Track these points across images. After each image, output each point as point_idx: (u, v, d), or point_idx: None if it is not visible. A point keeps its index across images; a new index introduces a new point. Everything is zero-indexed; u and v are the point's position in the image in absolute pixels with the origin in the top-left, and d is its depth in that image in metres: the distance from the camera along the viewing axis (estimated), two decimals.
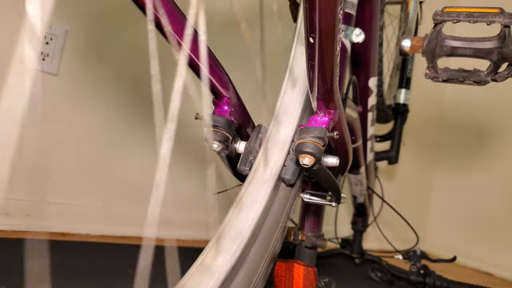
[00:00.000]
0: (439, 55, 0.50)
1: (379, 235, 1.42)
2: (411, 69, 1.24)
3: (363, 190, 1.08)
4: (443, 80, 0.52)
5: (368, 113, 0.93)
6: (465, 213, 1.65)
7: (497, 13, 0.46)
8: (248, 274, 0.41)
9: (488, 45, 0.47)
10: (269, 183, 0.45)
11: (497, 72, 0.49)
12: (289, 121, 0.51)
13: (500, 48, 0.47)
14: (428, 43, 0.50)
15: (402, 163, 1.48)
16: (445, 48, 0.49)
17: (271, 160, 0.48)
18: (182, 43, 0.44)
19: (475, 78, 0.50)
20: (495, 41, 0.47)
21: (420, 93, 1.63)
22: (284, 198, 0.49)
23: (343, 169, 0.64)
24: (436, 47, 0.49)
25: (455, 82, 0.52)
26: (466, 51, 0.48)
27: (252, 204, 0.44)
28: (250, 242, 0.41)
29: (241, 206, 0.43)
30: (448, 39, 0.49)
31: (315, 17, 0.34)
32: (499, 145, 1.58)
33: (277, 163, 0.47)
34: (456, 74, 0.51)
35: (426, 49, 0.50)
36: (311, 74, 0.40)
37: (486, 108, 1.65)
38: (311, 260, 0.72)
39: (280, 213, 0.48)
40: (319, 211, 0.74)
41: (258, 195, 0.44)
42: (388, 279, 1.06)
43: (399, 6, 1.27)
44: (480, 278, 1.37)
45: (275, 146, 0.49)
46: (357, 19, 0.66)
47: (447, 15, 0.49)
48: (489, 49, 0.47)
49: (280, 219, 0.48)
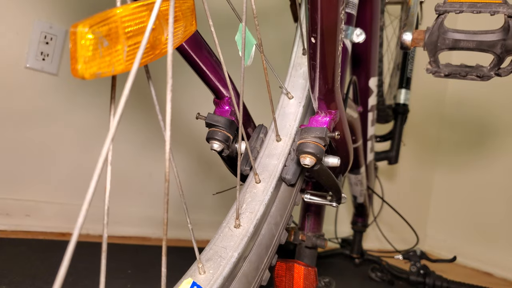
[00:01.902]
0: (441, 48, 0.48)
1: (379, 235, 1.42)
2: (411, 69, 1.24)
3: (363, 190, 1.08)
4: (445, 75, 0.50)
5: (369, 113, 0.93)
6: (465, 213, 1.65)
7: (501, 4, 0.45)
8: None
9: (491, 37, 0.46)
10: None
11: (500, 67, 0.47)
12: (299, 93, 0.51)
13: (504, 40, 0.45)
14: (430, 36, 0.48)
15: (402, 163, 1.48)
16: (447, 40, 0.48)
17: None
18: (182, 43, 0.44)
19: (478, 73, 0.49)
20: (499, 33, 0.46)
21: (421, 93, 1.63)
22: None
23: (343, 169, 0.64)
24: (438, 40, 0.48)
25: (457, 77, 0.50)
26: (469, 44, 0.47)
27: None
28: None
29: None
30: (450, 32, 0.48)
31: (317, 17, 0.34)
32: (498, 146, 1.58)
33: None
34: (458, 69, 0.50)
35: (427, 42, 0.48)
36: (312, 74, 0.40)
37: (487, 108, 1.65)
38: (311, 260, 0.72)
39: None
40: (319, 211, 0.74)
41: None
42: (388, 279, 1.06)
43: (399, 6, 1.27)
44: (480, 278, 1.37)
45: (287, 118, 0.50)
46: (357, 19, 0.66)
47: (450, 5, 0.47)
48: (493, 42, 0.46)
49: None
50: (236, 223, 0.42)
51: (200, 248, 0.42)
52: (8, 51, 0.95)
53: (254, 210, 0.44)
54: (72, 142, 1.05)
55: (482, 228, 1.57)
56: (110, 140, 0.21)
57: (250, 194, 0.46)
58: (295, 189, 0.50)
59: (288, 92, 0.52)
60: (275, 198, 0.47)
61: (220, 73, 0.50)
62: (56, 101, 1.02)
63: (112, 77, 0.24)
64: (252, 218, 0.43)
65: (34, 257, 0.78)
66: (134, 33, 0.25)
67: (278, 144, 0.49)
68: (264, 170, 0.47)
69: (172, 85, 0.24)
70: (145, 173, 1.16)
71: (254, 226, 0.42)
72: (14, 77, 0.96)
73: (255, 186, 0.46)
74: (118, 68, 0.24)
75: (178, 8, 0.32)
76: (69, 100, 1.04)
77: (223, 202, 1.26)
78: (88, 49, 0.21)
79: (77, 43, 0.21)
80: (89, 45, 0.21)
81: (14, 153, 0.96)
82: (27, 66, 0.97)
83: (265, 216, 0.45)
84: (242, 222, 0.43)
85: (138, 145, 1.14)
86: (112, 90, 0.25)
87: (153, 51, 0.28)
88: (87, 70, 0.21)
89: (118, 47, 0.24)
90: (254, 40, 0.42)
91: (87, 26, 0.21)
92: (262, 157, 0.49)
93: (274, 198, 0.47)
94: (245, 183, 0.47)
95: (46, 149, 1.01)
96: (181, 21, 0.33)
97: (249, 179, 0.47)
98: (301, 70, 0.53)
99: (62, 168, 1.04)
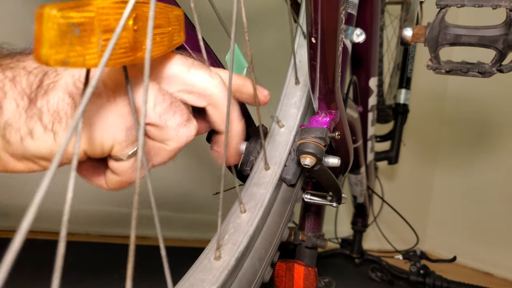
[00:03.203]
0: (442, 44, 0.48)
1: (379, 235, 1.42)
2: (412, 69, 1.24)
3: (363, 190, 1.08)
4: (446, 71, 0.49)
5: (369, 113, 0.93)
6: (465, 213, 1.65)
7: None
8: None
9: (493, 32, 0.45)
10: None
11: (501, 64, 0.47)
12: (291, 121, 0.50)
13: (506, 35, 0.45)
14: (431, 31, 0.47)
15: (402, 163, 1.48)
16: (449, 36, 0.47)
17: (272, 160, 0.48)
18: None
19: (480, 69, 0.48)
20: (501, 28, 0.45)
21: (421, 92, 1.63)
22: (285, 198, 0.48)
23: (344, 169, 0.64)
24: (439, 35, 0.47)
25: (459, 74, 0.49)
26: (471, 39, 0.46)
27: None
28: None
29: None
30: (451, 27, 0.47)
31: (318, 17, 0.34)
32: (499, 146, 1.58)
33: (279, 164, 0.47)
34: (459, 65, 0.49)
35: (428, 37, 0.48)
36: (312, 74, 0.40)
37: (488, 108, 1.65)
38: (311, 260, 0.72)
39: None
40: (319, 211, 0.74)
41: None
42: (388, 279, 1.06)
43: (399, 6, 1.27)
44: (480, 278, 1.37)
45: (276, 146, 0.49)
46: (357, 19, 0.66)
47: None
48: (495, 37, 0.45)
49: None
50: (216, 254, 0.39)
51: (200, 249, 0.42)
52: None
53: (237, 242, 0.41)
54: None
55: (482, 228, 1.57)
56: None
57: (234, 224, 0.43)
58: (283, 222, 0.48)
59: (279, 121, 0.51)
60: (261, 229, 0.44)
61: None
62: None
63: (86, 72, 0.23)
64: (234, 250, 0.40)
65: (34, 257, 0.78)
66: (113, 29, 0.23)
67: (266, 172, 0.47)
68: (251, 199, 0.45)
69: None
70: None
71: (236, 259, 0.39)
72: None
73: (239, 216, 0.43)
74: (90, 62, 0.22)
75: (164, 15, 0.31)
76: None
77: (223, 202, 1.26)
78: (55, 33, 0.19)
79: (43, 25, 0.19)
80: (56, 29, 0.19)
81: None
82: None
83: (249, 249, 0.42)
84: (223, 254, 0.39)
85: None
86: (85, 86, 0.23)
87: (134, 53, 0.26)
88: (52, 56, 0.20)
89: (93, 39, 0.22)
90: (245, 63, 0.40)
91: (55, 8, 0.19)
92: (249, 185, 0.46)
93: (260, 229, 0.44)
94: (229, 212, 0.44)
95: None
96: (167, 28, 0.31)
97: (234, 208, 0.45)
98: (293, 100, 0.52)
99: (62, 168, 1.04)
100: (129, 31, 0.25)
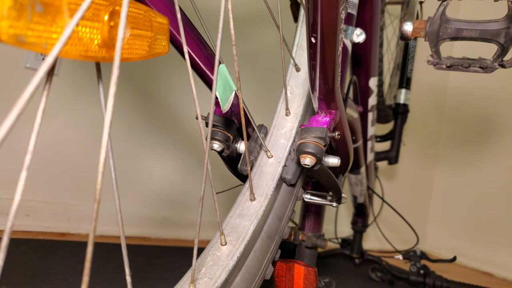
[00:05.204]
0: (443, 38, 0.47)
1: (379, 235, 1.42)
2: (411, 69, 1.24)
3: (363, 190, 1.08)
4: (447, 66, 0.48)
5: (369, 113, 0.93)
6: (465, 213, 1.65)
7: None
8: None
9: (495, 26, 0.45)
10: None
11: (503, 59, 0.46)
12: (279, 152, 0.49)
13: (508, 29, 0.44)
14: (432, 25, 0.46)
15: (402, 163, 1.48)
16: (450, 29, 0.46)
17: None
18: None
19: (481, 64, 0.47)
20: (503, 22, 0.45)
21: (421, 92, 1.63)
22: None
23: (344, 169, 0.64)
24: (440, 29, 0.46)
25: (460, 69, 0.48)
26: (472, 33, 0.45)
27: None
28: None
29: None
30: (452, 21, 0.46)
31: (317, 17, 0.34)
32: (499, 146, 1.58)
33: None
34: (460, 61, 0.48)
35: (429, 31, 0.47)
36: (312, 74, 0.40)
37: (488, 108, 1.65)
38: (311, 260, 0.72)
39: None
40: (319, 211, 0.74)
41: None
42: (388, 279, 1.06)
43: (399, 6, 1.27)
44: (480, 278, 1.37)
45: (264, 177, 0.47)
46: (357, 19, 0.66)
47: None
48: (496, 30, 0.44)
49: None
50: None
51: (200, 249, 0.42)
52: (8, 51, 0.95)
53: (214, 276, 0.37)
54: (72, 142, 1.05)
55: (482, 228, 1.57)
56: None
57: (213, 257, 0.40)
58: (267, 258, 0.45)
59: (268, 151, 0.49)
60: (242, 265, 0.41)
61: None
62: (56, 101, 1.02)
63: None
64: (210, 285, 0.36)
65: (34, 257, 0.78)
66: (84, 17, 0.22)
67: (251, 203, 0.45)
68: (233, 231, 0.42)
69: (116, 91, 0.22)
70: (145, 173, 1.16)
71: None
72: (14, 77, 0.96)
73: (219, 248, 0.40)
74: (52, 47, 0.20)
75: (147, 19, 0.29)
76: (68, 100, 1.04)
77: (223, 202, 1.26)
78: (9, 3, 0.18)
79: None
80: (11, 1, 0.18)
81: (13, 153, 0.96)
82: (27, 66, 0.97)
83: (227, 285, 0.39)
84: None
85: (138, 145, 1.14)
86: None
87: (107, 50, 0.25)
88: (5, 29, 0.18)
89: (59, 23, 0.20)
90: (234, 86, 0.38)
91: None
92: (232, 216, 0.44)
93: (241, 264, 0.41)
94: (209, 244, 0.41)
95: (46, 149, 1.01)
96: (148, 33, 0.30)
97: (214, 240, 0.42)
98: (282, 130, 0.51)
99: (62, 168, 1.04)
100: (103, 24, 0.24)
